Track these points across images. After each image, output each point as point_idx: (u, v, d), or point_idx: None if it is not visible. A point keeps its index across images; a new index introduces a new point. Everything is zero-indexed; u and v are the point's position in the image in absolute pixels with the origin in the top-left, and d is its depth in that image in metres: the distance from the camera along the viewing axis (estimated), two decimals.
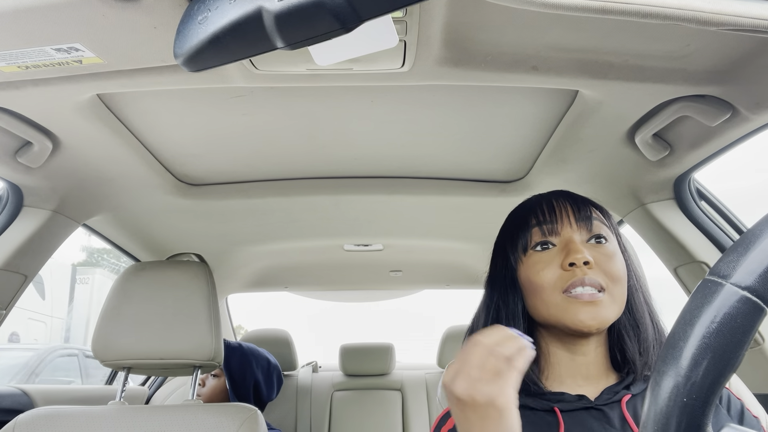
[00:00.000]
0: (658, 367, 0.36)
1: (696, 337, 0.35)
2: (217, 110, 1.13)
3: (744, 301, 0.34)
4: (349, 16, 0.41)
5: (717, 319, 0.35)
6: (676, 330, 0.36)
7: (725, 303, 0.35)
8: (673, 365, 0.35)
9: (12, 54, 0.77)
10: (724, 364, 0.34)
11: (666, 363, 0.36)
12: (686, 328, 0.36)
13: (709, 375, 0.34)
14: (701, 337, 0.35)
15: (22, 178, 1.24)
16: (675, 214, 1.33)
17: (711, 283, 0.36)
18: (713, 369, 0.34)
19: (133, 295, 1.34)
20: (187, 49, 0.46)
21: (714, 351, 0.34)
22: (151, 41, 0.75)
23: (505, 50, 0.87)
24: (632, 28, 0.81)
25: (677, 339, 0.36)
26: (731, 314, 0.34)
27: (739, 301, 0.34)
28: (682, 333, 0.36)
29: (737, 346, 0.34)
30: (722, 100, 0.96)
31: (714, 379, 0.34)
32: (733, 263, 0.36)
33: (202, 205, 1.57)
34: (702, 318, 0.35)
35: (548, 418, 0.74)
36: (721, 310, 0.35)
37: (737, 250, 0.36)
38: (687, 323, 0.36)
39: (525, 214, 0.82)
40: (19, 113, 1.02)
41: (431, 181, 1.52)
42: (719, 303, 0.35)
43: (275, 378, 2.11)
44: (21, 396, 1.56)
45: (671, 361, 0.35)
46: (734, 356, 0.34)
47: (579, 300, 0.72)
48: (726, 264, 0.36)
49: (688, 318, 0.36)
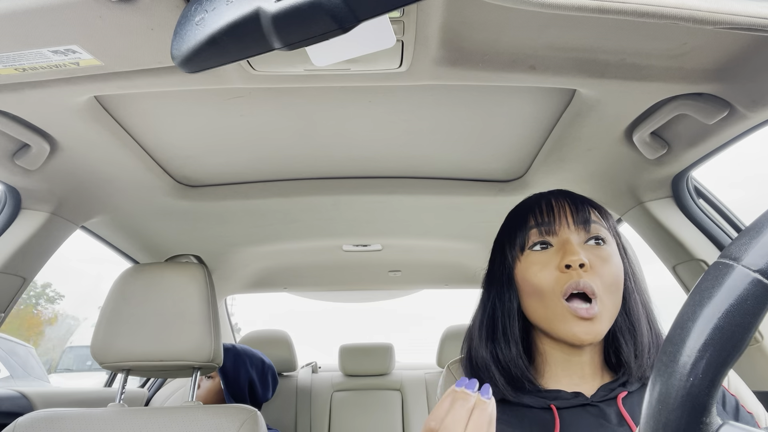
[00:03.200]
0: (665, 348, 0.36)
1: (705, 317, 0.35)
2: (215, 111, 1.13)
3: (755, 284, 0.34)
4: (346, 16, 0.41)
5: (727, 300, 0.35)
6: (685, 310, 0.36)
7: (736, 285, 0.35)
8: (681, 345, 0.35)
9: (9, 56, 0.76)
10: (732, 346, 0.34)
11: (673, 343, 0.36)
12: (695, 309, 0.36)
13: (716, 356, 0.34)
14: (710, 317, 0.35)
15: (20, 180, 1.23)
16: (673, 212, 1.33)
17: (722, 265, 0.36)
18: (721, 351, 0.34)
19: (132, 297, 1.34)
20: (185, 51, 0.46)
21: (723, 332, 0.34)
22: (148, 43, 0.75)
23: (503, 50, 0.87)
24: (629, 27, 0.81)
25: (686, 319, 0.36)
26: (742, 296, 0.34)
27: (751, 284, 0.34)
28: (691, 313, 0.36)
29: (746, 328, 0.34)
30: (719, 98, 0.96)
31: (721, 361, 0.34)
32: (745, 246, 0.35)
33: (200, 207, 1.57)
34: (712, 299, 0.35)
35: (545, 416, 0.74)
36: (731, 291, 0.35)
37: (749, 233, 0.36)
38: (696, 304, 0.36)
39: (524, 214, 0.83)
40: (16, 115, 1.02)
41: (429, 181, 1.53)
42: (730, 284, 0.35)
43: (270, 377, 2.11)
44: (20, 399, 1.56)
45: (679, 340, 0.35)
46: (742, 338, 0.34)
47: (577, 314, 0.73)
48: (738, 246, 0.36)
49: (697, 299, 0.36)
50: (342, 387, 2.65)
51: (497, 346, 0.80)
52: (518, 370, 0.77)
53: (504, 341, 0.79)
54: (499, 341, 0.80)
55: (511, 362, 0.78)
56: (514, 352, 0.78)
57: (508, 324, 0.80)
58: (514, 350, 0.78)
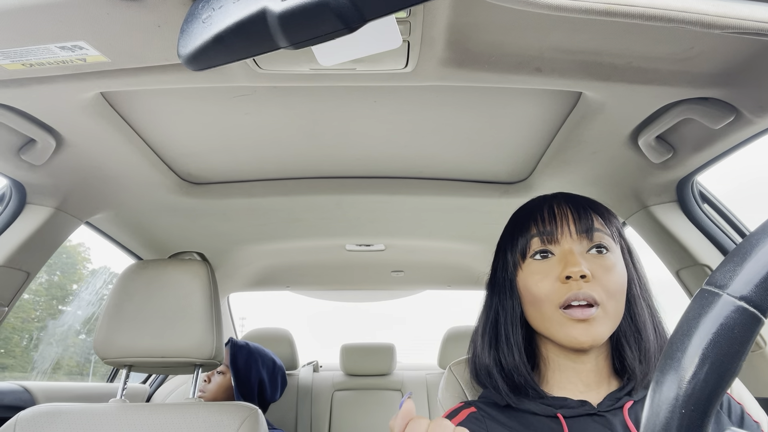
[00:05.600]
0: (656, 378, 0.36)
1: (694, 347, 0.35)
2: (221, 109, 1.14)
3: (741, 312, 0.34)
4: (352, 16, 0.41)
5: (714, 329, 0.34)
6: (674, 341, 0.36)
7: (722, 313, 0.34)
8: (672, 376, 0.35)
9: (16, 51, 0.77)
10: (722, 374, 0.34)
11: (664, 374, 0.36)
12: (684, 339, 0.35)
13: (708, 386, 0.34)
14: (699, 348, 0.34)
15: (25, 175, 1.24)
16: (678, 216, 1.33)
17: (708, 293, 0.36)
18: (711, 380, 0.34)
19: (135, 294, 1.34)
20: (191, 48, 0.47)
21: (712, 362, 0.34)
22: (155, 40, 0.75)
23: (509, 51, 0.87)
24: (636, 30, 0.80)
25: (675, 350, 0.36)
26: (728, 325, 0.34)
27: (736, 312, 0.34)
28: (679, 344, 0.36)
29: (735, 356, 0.34)
30: (726, 103, 0.96)
31: (712, 391, 0.34)
32: (730, 273, 0.35)
33: (204, 204, 1.57)
34: (699, 329, 0.35)
35: (552, 425, 0.74)
36: (718, 320, 0.34)
37: (733, 260, 0.36)
38: (684, 334, 0.36)
39: (526, 220, 0.82)
40: (23, 111, 1.02)
41: (434, 182, 1.52)
42: (716, 313, 0.35)
43: (279, 379, 2.12)
44: (22, 393, 1.57)
45: (669, 372, 0.35)
46: (732, 366, 0.34)
47: (572, 317, 0.72)
48: (722, 274, 0.36)
49: (685, 329, 0.36)
50: (343, 386, 2.65)
51: (500, 352, 0.80)
52: (521, 377, 0.77)
53: (507, 348, 0.79)
54: (502, 348, 0.80)
55: (514, 369, 0.77)
56: (517, 358, 0.78)
57: (510, 331, 0.79)
58: (517, 357, 0.78)
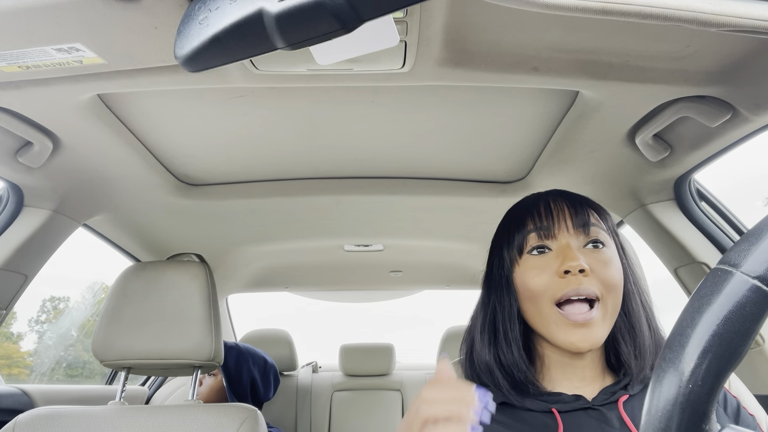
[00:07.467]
0: (664, 354, 0.36)
1: (704, 324, 0.35)
2: (218, 110, 1.13)
3: (754, 290, 0.34)
4: (349, 16, 0.41)
5: (726, 307, 0.34)
6: (684, 317, 0.36)
7: (735, 291, 0.35)
8: (680, 352, 0.35)
9: (13, 54, 0.77)
10: (731, 352, 0.34)
11: (673, 349, 0.36)
12: (694, 315, 0.36)
13: (716, 363, 0.34)
14: (709, 324, 0.35)
15: (22, 178, 1.24)
16: (675, 214, 1.33)
17: (721, 272, 0.36)
18: (720, 357, 0.34)
19: (133, 295, 1.34)
20: (188, 50, 0.46)
21: (722, 338, 0.34)
22: (151, 41, 0.75)
23: (506, 51, 0.87)
24: (633, 29, 0.81)
25: (685, 326, 0.36)
26: (741, 302, 0.34)
27: (750, 290, 0.34)
28: (690, 320, 0.36)
29: (745, 334, 0.34)
30: (723, 101, 0.96)
31: (720, 367, 0.34)
32: (744, 252, 0.35)
33: (202, 205, 1.57)
34: (711, 306, 0.35)
35: (546, 420, 0.74)
36: (730, 298, 0.34)
37: (749, 239, 0.36)
38: (695, 310, 0.36)
39: (522, 216, 0.82)
40: (19, 113, 1.02)
41: (432, 182, 1.52)
42: (729, 291, 0.35)
43: (272, 377, 2.12)
44: (21, 396, 1.56)
45: (678, 347, 0.35)
46: (741, 345, 0.34)
47: (570, 320, 0.72)
48: (737, 253, 0.36)
49: (696, 305, 0.36)
50: (342, 387, 2.65)
51: (499, 349, 0.79)
52: (521, 373, 0.77)
53: (506, 344, 0.79)
54: (501, 344, 0.79)
55: (514, 366, 0.77)
56: (516, 355, 0.78)
57: (509, 327, 0.79)
58: (516, 353, 0.78)
